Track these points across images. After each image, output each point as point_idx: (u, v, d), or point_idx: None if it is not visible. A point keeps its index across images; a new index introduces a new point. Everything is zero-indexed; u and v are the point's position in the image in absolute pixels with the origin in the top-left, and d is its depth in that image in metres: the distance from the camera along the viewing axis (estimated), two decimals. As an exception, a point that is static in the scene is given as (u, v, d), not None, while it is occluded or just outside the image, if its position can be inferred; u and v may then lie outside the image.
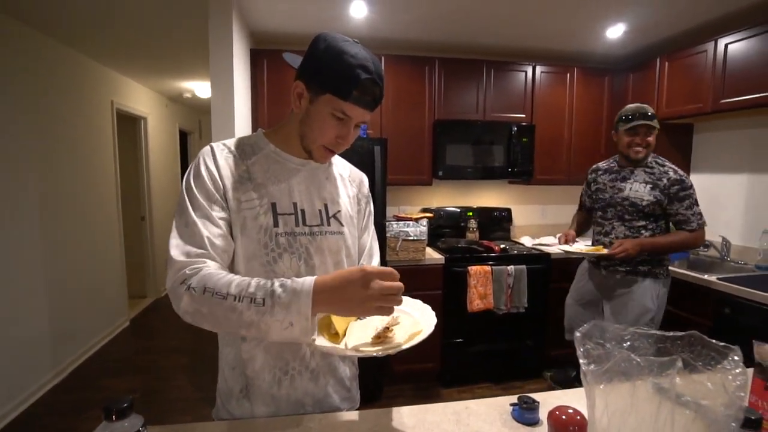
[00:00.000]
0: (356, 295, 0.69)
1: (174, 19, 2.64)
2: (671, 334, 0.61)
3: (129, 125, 4.47)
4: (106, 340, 3.73)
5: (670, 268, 2.24)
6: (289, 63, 1.03)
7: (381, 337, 0.75)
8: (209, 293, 0.74)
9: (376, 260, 1.11)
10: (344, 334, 0.78)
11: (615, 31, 2.81)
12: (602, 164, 2.36)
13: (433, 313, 0.84)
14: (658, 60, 2.84)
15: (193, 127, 6.28)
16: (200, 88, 4.64)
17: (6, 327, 2.54)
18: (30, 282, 2.77)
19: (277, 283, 0.73)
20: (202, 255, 0.80)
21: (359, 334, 0.77)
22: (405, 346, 0.72)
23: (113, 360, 3.42)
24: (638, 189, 2.10)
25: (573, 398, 0.98)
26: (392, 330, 0.77)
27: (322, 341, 0.75)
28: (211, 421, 0.93)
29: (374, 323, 0.81)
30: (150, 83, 4.51)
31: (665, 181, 2.05)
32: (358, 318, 0.85)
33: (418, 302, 0.92)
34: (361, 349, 0.73)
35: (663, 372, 0.55)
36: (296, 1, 2.39)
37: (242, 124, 2.57)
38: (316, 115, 0.86)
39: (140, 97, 4.50)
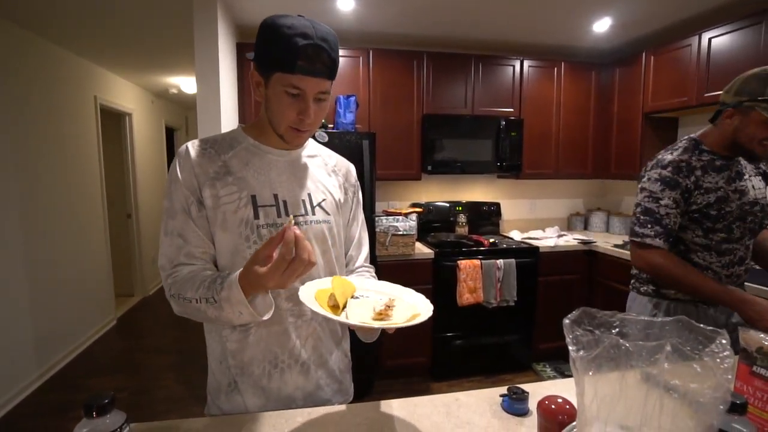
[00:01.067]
0: (267, 287, 0.74)
1: (159, 13, 2.58)
2: (659, 320, 0.61)
3: (114, 121, 4.38)
4: (93, 339, 3.67)
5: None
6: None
7: (382, 314, 0.76)
8: (181, 299, 0.83)
9: (365, 250, 1.11)
10: (344, 307, 0.78)
11: (601, 25, 2.83)
12: (682, 156, 1.38)
13: (428, 300, 0.84)
14: (644, 54, 2.87)
15: (180, 124, 6.19)
16: (186, 84, 4.56)
17: (-13, 328, 2.48)
18: (11, 282, 2.70)
19: (218, 281, 0.79)
20: (180, 263, 0.86)
21: (358, 310, 0.77)
22: (406, 324, 0.72)
23: (100, 359, 3.36)
24: (759, 186, 1.41)
25: (562, 388, 0.98)
26: (392, 308, 0.78)
27: (322, 309, 0.74)
28: (196, 418, 0.92)
29: (371, 303, 0.81)
30: (135, 79, 4.42)
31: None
32: (354, 297, 0.84)
33: (410, 290, 0.91)
34: (363, 321, 0.73)
35: (652, 357, 0.55)
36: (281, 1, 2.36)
37: (229, 120, 2.54)
38: (272, 98, 0.84)
39: (125, 93, 4.41)
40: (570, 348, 0.60)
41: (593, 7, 2.56)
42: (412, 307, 0.81)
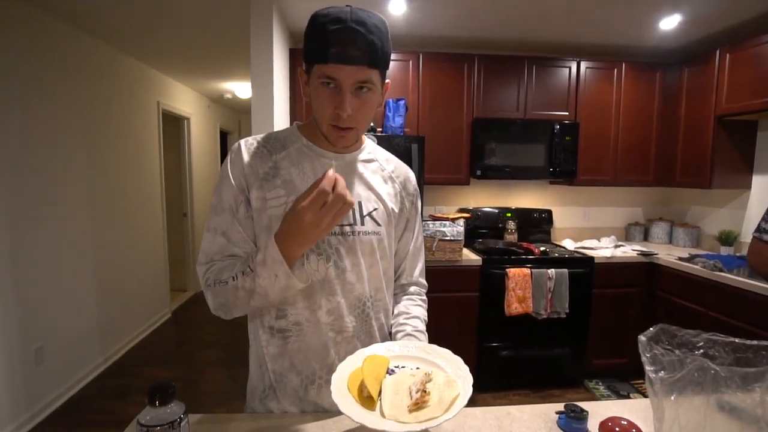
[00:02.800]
0: (303, 227, 0.70)
1: (217, 23, 2.71)
2: (755, 342, 0.54)
3: (173, 125, 4.65)
4: (149, 330, 3.89)
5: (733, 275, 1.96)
6: None
7: (419, 403, 0.70)
8: (218, 284, 0.80)
9: (420, 264, 1.04)
10: (378, 396, 0.73)
11: (670, 23, 2.64)
12: None
13: (467, 367, 0.78)
14: (718, 52, 2.65)
15: (233, 127, 6.47)
16: (240, 89, 4.76)
17: (62, 316, 2.69)
18: (82, 275, 2.92)
19: (254, 253, 0.78)
20: (220, 260, 0.85)
21: (393, 398, 0.71)
22: (446, 417, 0.65)
23: (155, 350, 3.55)
24: None
25: (624, 409, 0.91)
26: (428, 393, 0.71)
27: (354, 408, 0.70)
28: (247, 413, 0.93)
29: (407, 381, 0.74)
30: (194, 85, 4.67)
31: None
32: (389, 372, 0.78)
33: (448, 352, 0.85)
34: (400, 420, 0.67)
35: (747, 385, 0.49)
36: (334, 0, 2.40)
37: (281, 124, 2.60)
38: (313, 93, 0.80)
39: (184, 98, 4.68)
40: (647, 368, 0.54)
41: (663, 3, 2.39)
42: (449, 383, 0.74)
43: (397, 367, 0.81)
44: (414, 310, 0.99)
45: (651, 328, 0.57)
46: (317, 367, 0.88)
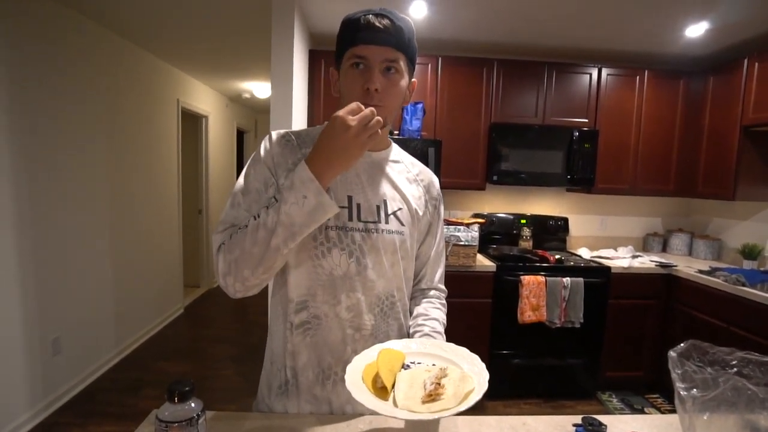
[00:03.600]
0: (341, 140, 0.71)
1: (239, 22, 2.74)
2: (792, 362, 0.52)
3: (192, 123, 4.71)
4: (163, 324, 3.94)
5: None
6: None
7: (432, 395, 0.69)
8: (235, 237, 0.78)
9: (440, 270, 1.05)
10: (392, 388, 0.72)
11: (696, 30, 2.59)
12: None
13: (483, 365, 0.77)
14: (746, 60, 2.59)
15: (250, 126, 6.53)
16: (259, 89, 4.81)
17: (79, 308, 2.74)
18: (99, 269, 2.97)
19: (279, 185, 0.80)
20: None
21: (408, 391, 0.71)
22: (459, 408, 0.65)
23: (168, 344, 3.59)
24: None
25: (643, 424, 0.88)
26: (443, 386, 0.71)
27: (368, 397, 0.70)
28: (261, 412, 0.93)
29: (422, 376, 0.74)
30: (213, 83, 4.73)
31: None
32: (404, 367, 0.78)
33: (464, 350, 0.84)
34: (413, 409, 0.67)
35: (785, 407, 0.47)
36: (355, 2, 2.41)
37: (299, 123, 2.62)
38: (343, 78, 0.84)
39: (203, 97, 4.74)
40: (678, 385, 0.53)
41: (691, 10, 2.34)
42: (464, 378, 0.73)
43: (413, 362, 0.80)
44: (433, 312, 0.99)
45: (681, 344, 0.55)
46: (333, 363, 0.88)
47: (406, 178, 0.97)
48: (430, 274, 1.03)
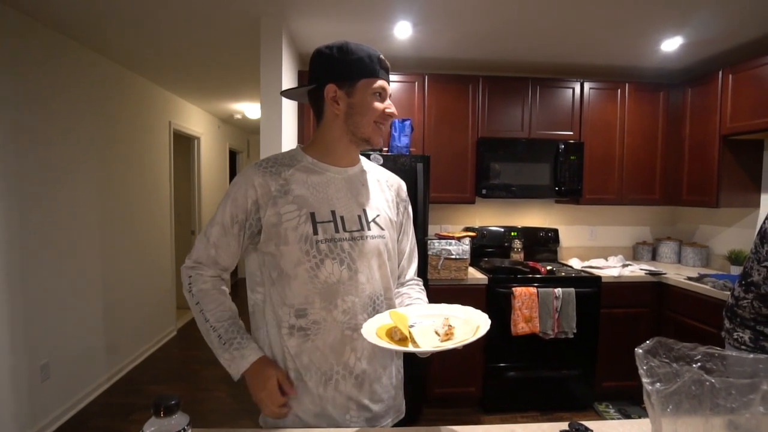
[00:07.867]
0: (260, 398, 0.91)
1: (229, 45, 2.80)
2: (751, 356, 0.54)
3: (184, 145, 4.75)
4: (155, 348, 3.89)
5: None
6: (289, 97, 1.12)
7: (448, 334, 0.80)
8: (199, 309, 0.96)
9: (415, 263, 1.15)
10: (411, 338, 0.81)
11: (671, 44, 2.68)
12: None
13: (479, 310, 0.88)
14: (720, 72, 2.68)
15: (242, 147, 6.58)
16: (250, 110, 4.87)
17: (69, 333, 2.71)
18: (90, 292, 2.95)
19: (238, 338, 0.94)
20: (204, 266, 0.98)
21: (424, 339, 0.81)
22: (476, 337, 0.77)
23: (160, 367, 3.54)
24: None
25: (630, 429, 0.90)
26: (453, 327, 0.82)
27: (392, 346, 0.78)
28: (252, 428, 0.94)
29: (431, 327, 0.85)
30: (205, 105, 4.79)
31: None
32: (411, 326, 0.86)
33: (458, 306, 0.93)
34: (437, 346, 0.77)
35: (744, 397, 0.49)
36: (342, 24, 2.48)
37: (289, 143, 2.66)
38: (360, 103, 0.94)
39: (195, 118, 4.79)
40: (644, 380, 0.55)
41: (664, 26, 2.44)
42: (468, 321, 0.84)
43: (416, 323, 0.89)
44: (415, 293, 1.10)
45: (648, 341, 0.57)
46: (334, 363, 0.94)
47: (378, 186, 1.06)
48: (407, 268, 1.13)
